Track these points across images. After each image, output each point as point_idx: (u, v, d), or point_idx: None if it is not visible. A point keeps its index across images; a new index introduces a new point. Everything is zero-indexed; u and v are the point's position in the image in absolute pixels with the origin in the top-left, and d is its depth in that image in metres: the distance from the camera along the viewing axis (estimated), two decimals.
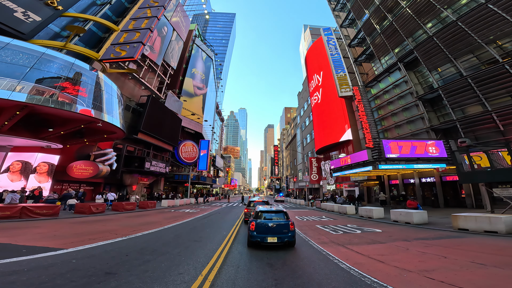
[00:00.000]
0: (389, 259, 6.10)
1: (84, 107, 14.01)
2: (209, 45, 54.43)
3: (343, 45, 36.35)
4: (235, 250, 7.00)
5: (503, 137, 15.72)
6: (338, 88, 31.84)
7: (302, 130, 55.44)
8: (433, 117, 21.43)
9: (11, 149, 17.31)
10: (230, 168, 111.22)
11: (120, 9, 24.40)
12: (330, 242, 8.36)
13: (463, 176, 13.38)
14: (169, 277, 4.58)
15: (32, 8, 15.01)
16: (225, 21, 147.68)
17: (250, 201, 14.30)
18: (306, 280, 4.58)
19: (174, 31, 33.21)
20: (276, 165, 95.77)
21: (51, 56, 13.47)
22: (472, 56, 17.87)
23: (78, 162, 19.85)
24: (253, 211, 9.20)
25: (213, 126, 57.05)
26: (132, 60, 20.35)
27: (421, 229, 10.96)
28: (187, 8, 56.29)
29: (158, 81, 31.51)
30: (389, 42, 24.88)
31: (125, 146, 25.45)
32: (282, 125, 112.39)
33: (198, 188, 57.40)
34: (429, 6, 20.40)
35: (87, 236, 8.30)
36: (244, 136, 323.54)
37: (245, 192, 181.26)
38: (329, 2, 40.20)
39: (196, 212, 19.32)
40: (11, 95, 11.24)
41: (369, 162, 18.85)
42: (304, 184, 38.89)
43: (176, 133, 34.98)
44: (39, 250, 6.06)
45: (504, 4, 15.19)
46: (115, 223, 11.98)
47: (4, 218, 10.84)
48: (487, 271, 5.02)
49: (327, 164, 31.90)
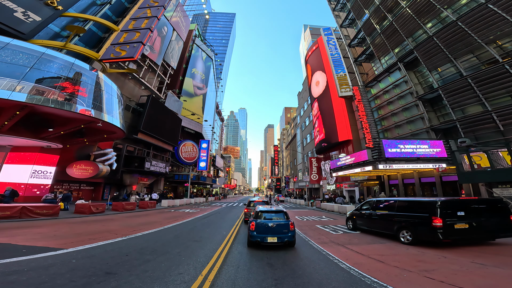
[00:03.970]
0: (389, 259, 6.11)
1: (84, 107, 14.00)
2: (209, 45, 54.43)
3: (343, 45, 36.35)
4: (235, 250, 7.00)
5: (503, 137, 15.71)
6: (338, 88, 31.84)
7: (302, 130, 55.44)
8: (433, 117, 21.43)
9: (11, 149, 17.32)
10: (230, 168, 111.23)
11: (120, 9, 24.40)
12: (330, 242, 8.37)
13: (463, 176, 13.38)
14: (169, 277, 4.58)
15: (32, 8, 15.01)
16: (225, 21, 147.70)
17: (250, 201, 14.31)
18: (306, 280, 4.59)
19: (174, 31, 33.21)
20: (276, 165, 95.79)
21: (51, 56, 13.46)
22: (472, 56, 17.87)
23: (78, 162, 19.89)
24: (253, 211, 9.20)
25: (213, 126, 57.05)
26: (132, 60, 20.35)
27: None
28: (187, 8, 56.30)
29: (158, 81, 31.51)
30: (389, 42, 24.88)
31: (125, 146, 25.45)
32: (282, 125, 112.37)
33: (198, 188, 57.41)
34: (429, 6, 20.40)
35: (87, 236, 8.30)
36: (244, 136, 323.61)
37: (245, 192, 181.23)
38: (329, 2, 40.20)
39: (196, 212, 19.33)
40: (11, 95, 11.23)
41: (369, 162, 18.84)
42: (304, 184, 38.90)
43: (176, 133, 34.98)
44: (39, 250, 6.06)
45: (504, 4, 15.19)
46: (115, 223, 11.98)
47: (4, 218, 10.83)
48: (487, 271, 5.02)
49: (327, 164, 31.91)
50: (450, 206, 7.46)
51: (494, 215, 7.60)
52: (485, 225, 7.37)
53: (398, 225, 8.42)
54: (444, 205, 7.38)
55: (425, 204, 7.90)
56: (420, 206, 8.04)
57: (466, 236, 7.32)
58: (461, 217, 7.27)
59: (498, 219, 7.51)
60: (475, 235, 7.40)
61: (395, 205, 9.03)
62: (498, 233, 7.52)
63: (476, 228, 7.23)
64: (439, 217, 7.15)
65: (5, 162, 17.00)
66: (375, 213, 9.79)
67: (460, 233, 7.16)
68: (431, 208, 7.50)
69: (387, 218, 9.08)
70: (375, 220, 9.75)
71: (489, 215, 7.56)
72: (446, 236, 7.00)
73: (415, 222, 7.87)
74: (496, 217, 7.55)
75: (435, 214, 7.26)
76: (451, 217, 7.21)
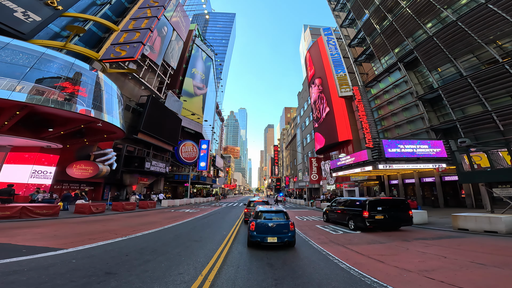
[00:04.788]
0: (389, 259, 6.10)
1: (84, 107, 14.00)
2: (209, 45, 54.41)
3: (343, 45, 36.35)
4: (235, 250, 7.00)
5: (503, 137, 15.71)
6: (338, 88, 31.84)
7: (302, 130, 55.43)
8: (433, 117, 21.43)
9: (11, 149, 17.32)
10: (230, 168, 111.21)
11: (120, 9, 24.39)
12: (330, 242, 8.37)
13: (463, 176, 13.38)
14: (169, 277, 4.58)
15: (32, 8, 15.00)
16: (225, 21, 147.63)
17: (250, 201, 14.31)
18: (306, 280, 4.58)
19: (174, 31, 33.20)
20: (276, 165, 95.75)
21: (51, 56, 13.46)
22: (472, 56, 17.87)
23: (78, 162, 19.89)
24: (253, 211, 9.20)
25: (213, 126, 57.04)
26: (132, 60, 20.35)
27: (421, 229, 10.98)
28: (187, 8, 56.26)
29: (158, 81, 31.51)
30: (389, 42, 24.88)
31: (125, 146, 25.44)
32: (282, 125, 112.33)
33: (198, 188, 57.39)
34: (429, 6, 20.40)
35: (87, 236, 8.30)
36: (244, 136, 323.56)
37: (245, 192, 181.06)
38: (329, 2, 40.19)
39: (196, 212, 19.32)
40: (11, 95, 11.23)
41: (369, 162, 18.85)
42: (304, 184, 38.89)
43: (176, 133, 34.97)
44: (39, 250, 6.06)
45: (504, 4, 15.19)
46: (115, 223, 11.98)
47: (4, 218, 10.83)
48: (487, 271, 5.02)
49: (327, 164, 31.90)
50: (373, 204, 10.50)
51: (400, 210, 10.65)
52: (393, 217, 10.49)
53: (348, 216, 11.67)
54: (370, 203, 10.46)
55: (361, 202, 10.99)
56: (358, 204, 11.14)
57: (382, 224, 10.40)
58: (379, 211, 10.35)
59: (402, 214, 10.59)
60: (387, 224, 10.52)
61: (347, 203, 12.45)
62: (401, 223, 10.83)
63: (388, 219, 10.34)
64: (367, 210, 10.23)
65: (5, 162, 17.00)
66: (337, 209, 13.08)
67: (378, 222, 10.26)
68: (363, 205, 10.57)
69: (343, 212, 12.34)
70: (337, 213, 12.98)
71: (396, 211, 10.62)
72: (370, 224, 10.14)
73: (355, 214, 11.05)
74: (400, 212, 10.61)
75: (365, 209, 10.32)
76: (374, 211, 10.29)
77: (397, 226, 11.02)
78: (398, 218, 10.54)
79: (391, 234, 9.85)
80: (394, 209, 10.61)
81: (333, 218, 13.45)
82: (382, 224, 10.36)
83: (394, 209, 10.60)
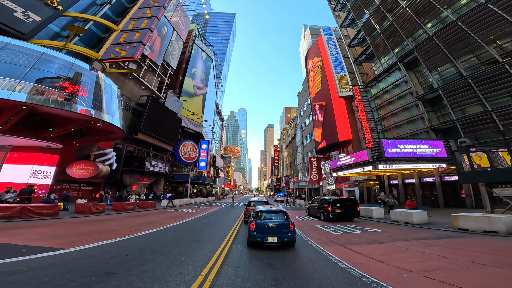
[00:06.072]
0: (389, 259, 6.10)
1: (84, 107, 13.99)
2: (209, 45, 54.41)
3: (343, 45, 36.35)
4: (235, 250, 7.00)
5: (503, 137, 15.71)
6: (338, 88, 31.85)
7: (302, 130, 55.42)
8: (433, 117, 21.43)
9: (11, 149, 17.31)
10: (230, 168, 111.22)
11: (120, 9, 24.39)
12: (330, 242, 8.37)
13: (463, 176, 13.39)
14: (169, 277, 4.58)
15: (32, 8, 15.00)
16: (225, 21, 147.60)
17: (250, 201, 14.32)
18: (306, 280, 4.59)
19: (174, 31, 33.20)
20: (276, 165, 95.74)
21: (51, 56, 13.45)
22: (472, 56, 17.86)
23: (78, 162, 19.89)
24: (253, 211, 9.20)
25: (213, 126, 57.05)
26: (132, 60, 20.34)
27: (421, 229, 10.97)
28: (187, 8, 56.28)
29: (158, 81, 31.51)
30: (389, 42, 24.88)
31: (125, 146, 25.44)
32: (282, 125, 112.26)
33: (198, 188, 57.39)
34: (429, 6, 20.40)
35: (87, 236, 8.29)
36: (244, 136, 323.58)
37: (245, 192, 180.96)
38: (329, 2, 40.19)
39: (196, 212, 19.32)
40: (11, 95, 11.22)
41: (369, 162, 18.84)
42: (304, 184, 38.89)
43: (176, 133, 34.97)
44: (39, 250, 6.05)
45: (504, 4, 15.19)
46: (115, 223, 11.98)
47: (4, 218, 10.82)
48: (487, 271, 5.02)
49: (327, 164, 31.90)
50: (335, 201, 14.31)
51: (352, 206, 14.42)
52: (348, 211, 14.17)
53: (320, 210, 15.31)
54: (333, 200, 14.32)
55: (327, 200, 14.82)
56: (325, 201, 14.97)
57: (340, 217, 14.02)
58: (338, 206, 14.08)
59: (353, 209, 14.39)
60: (343, 216, 14.09)
61: (320, 201, 16.20)
62: (353, 216, 14.45)
63: (344, 212, 14.07)
64: (330, 206, 13.99)
65: (5, 162, 16.99)
66: (314, 205, 17.05)
67: (338, 215, 13.95)
68: (328, 202, 14.39)
69: (317, 208, 16.00)
70: (314, 209, 16.77)
71: (350, 206, 14.37)
72: (333, 216, 13.89)
73: (323, 209, 14.69)
74: (352, 208, 14.37)
75: (329, 205, 14.07)
76: (334, 206, 14.04)
77: (351, 218, 14.46)
78: (351, 212, 14.22)
79: (391, 234, 9.86)
80: (348, 205, 14.28)
81: (312, 212, 17.22)
82: (340, 217, 13.96)
83: (349, 206, 14.29)
